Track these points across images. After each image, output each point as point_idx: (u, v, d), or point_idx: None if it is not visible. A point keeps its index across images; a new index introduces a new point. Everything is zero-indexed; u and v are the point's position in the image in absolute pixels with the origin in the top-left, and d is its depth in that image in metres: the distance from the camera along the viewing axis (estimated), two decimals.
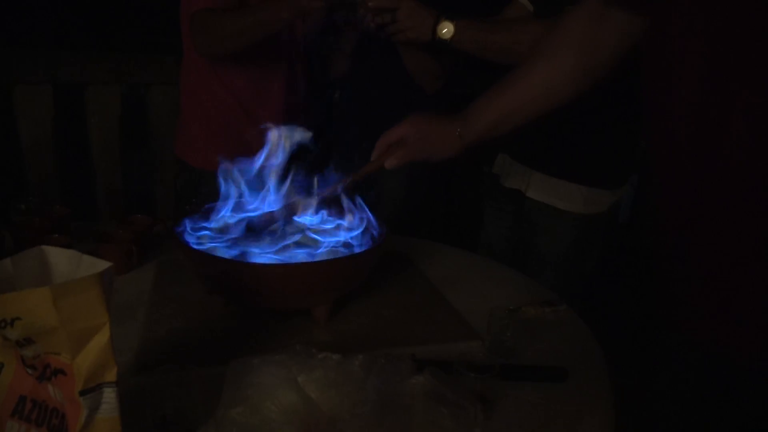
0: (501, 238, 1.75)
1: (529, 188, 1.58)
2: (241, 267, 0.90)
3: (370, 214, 1.05)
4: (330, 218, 1.06)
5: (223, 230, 1.02)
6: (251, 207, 1.06)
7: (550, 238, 1.56)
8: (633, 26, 0.92)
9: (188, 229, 1.01)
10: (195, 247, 0.95)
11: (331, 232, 1.00)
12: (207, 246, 0.98)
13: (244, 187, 1.07)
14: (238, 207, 1.07)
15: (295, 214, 1.04)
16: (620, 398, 0.88)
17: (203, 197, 1.70)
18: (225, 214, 1.05)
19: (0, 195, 2.09)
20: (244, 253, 0.95)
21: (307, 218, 1.04)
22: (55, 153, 2.23)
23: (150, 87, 2.37)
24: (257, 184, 1.08)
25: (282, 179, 1.08)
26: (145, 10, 3.06)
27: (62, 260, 0.63)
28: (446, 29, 1.42)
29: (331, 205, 1.07)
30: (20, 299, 0.53)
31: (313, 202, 1.05)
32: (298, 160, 1.09)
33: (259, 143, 1.68)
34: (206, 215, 1.07)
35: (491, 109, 1.07)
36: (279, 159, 1.07)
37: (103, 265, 0.60)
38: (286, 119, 1.77)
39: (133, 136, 2.49)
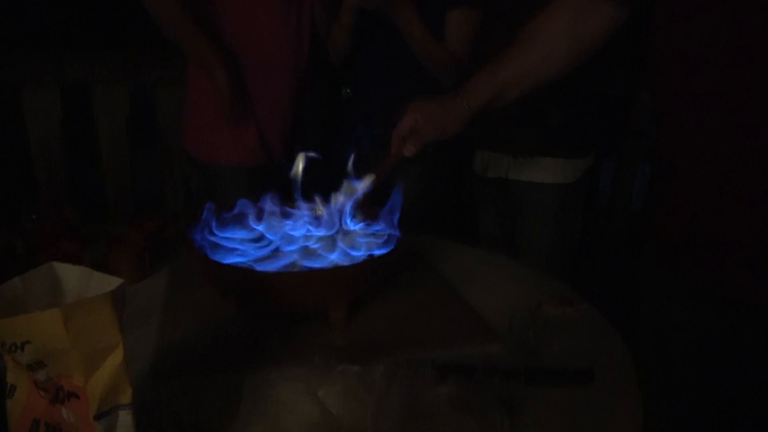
0: (496, 226, 1.92)
1: (510, 172, 1.73)
2: (257, 276, 0.88)
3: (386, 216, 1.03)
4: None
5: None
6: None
7: (537, 212, 1.73)
8: (619, 15, 1.01)
9: (203, 234, 0.99)
10: (210, 255, 0.93)
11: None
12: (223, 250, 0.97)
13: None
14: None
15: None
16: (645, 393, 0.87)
17: (218, 197, 1.69)
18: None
19: (9, 197, 2.09)
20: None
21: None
22: (63, 153, 2.22)
23: (158, 84, 2.35)
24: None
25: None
26: None
27: (73, 277, 0.61)
28: None
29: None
30: (30, 322, 0.51)
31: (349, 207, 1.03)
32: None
33: (263, 137, 1.67)
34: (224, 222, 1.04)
35: (491, 82, 1.11)
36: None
37: (114, 282, 0.57)
38: (294, 113, 1.75)
39: (141, 134, 2.48)
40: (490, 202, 1.90)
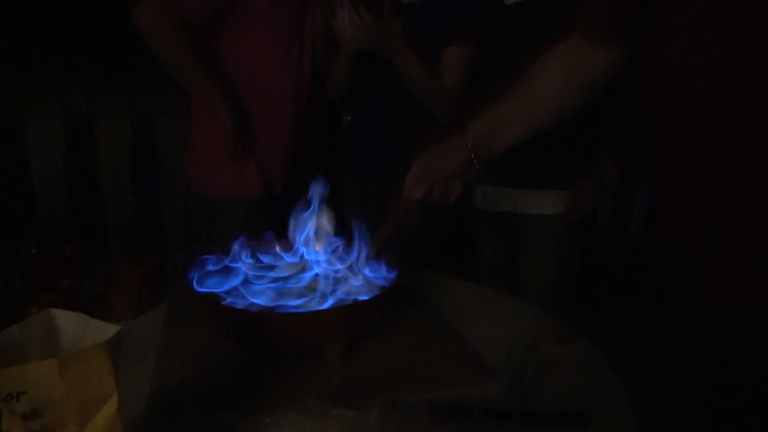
0: (497, 257, 1.95)
1: (518, 205, 1.78)
2: (252, 316, 0.88)
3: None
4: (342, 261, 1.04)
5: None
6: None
7: (541, 243, 1.77)
8: (615, 57, 1.02)
9: (200, 274, 1.00)
10: (204, 292, 0.94)
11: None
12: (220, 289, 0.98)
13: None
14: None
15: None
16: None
17: (218, 230, 1.70)
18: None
19: (11, 231, 2.10)
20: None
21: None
22: (66, 186, 2.24)
23: (160, 117, 2.38)
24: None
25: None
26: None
27: (70, 324, 0.62)
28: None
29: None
30: (26, 372, 0.52)
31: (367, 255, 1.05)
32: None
33: (264, 172, 1.68)
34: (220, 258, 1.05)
35: (488, 116, 1.13)
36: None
37: (111, 329, 0.58)
38: (294, 147, 1.77)
39: (143, 166, 2.50)
40: (492, 234, 1.92)
